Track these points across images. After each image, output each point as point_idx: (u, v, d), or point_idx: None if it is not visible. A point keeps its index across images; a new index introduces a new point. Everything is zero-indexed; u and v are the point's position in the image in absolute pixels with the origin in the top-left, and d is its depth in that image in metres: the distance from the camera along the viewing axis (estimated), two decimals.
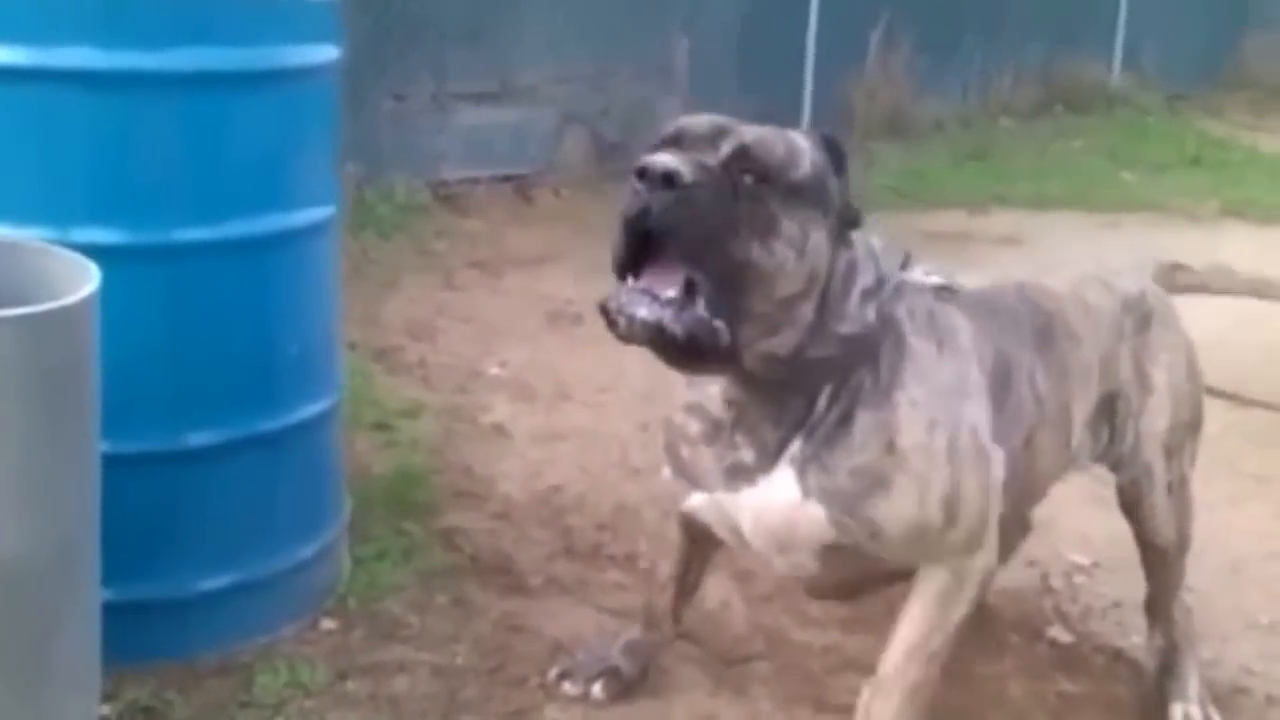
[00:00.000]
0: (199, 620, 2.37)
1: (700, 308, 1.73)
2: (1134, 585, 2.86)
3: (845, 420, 1.91)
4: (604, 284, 5.60)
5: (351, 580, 2.67)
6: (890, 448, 1.92)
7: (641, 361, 4.09)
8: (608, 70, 6.94)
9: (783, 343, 1.84)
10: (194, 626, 2.36)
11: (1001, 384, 2.09)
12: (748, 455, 1.97)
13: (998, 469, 2.04)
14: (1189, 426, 2.44)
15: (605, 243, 5.98)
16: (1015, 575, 2.88)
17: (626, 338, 1.80)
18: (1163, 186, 7.56)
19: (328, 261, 2.49)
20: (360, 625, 2.54)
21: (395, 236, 5.41)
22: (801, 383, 1.90)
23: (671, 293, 1.74)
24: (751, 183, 1.76)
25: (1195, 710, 2.43)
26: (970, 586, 2.06)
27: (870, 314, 1.90)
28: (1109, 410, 2.35)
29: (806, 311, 1.83)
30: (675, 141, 1.81)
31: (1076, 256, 5.77)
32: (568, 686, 2.36)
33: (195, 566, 2.35)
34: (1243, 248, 6.21)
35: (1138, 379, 2.36)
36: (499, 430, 3.55)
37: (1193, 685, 2.47)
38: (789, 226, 1.77)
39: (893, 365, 1.93)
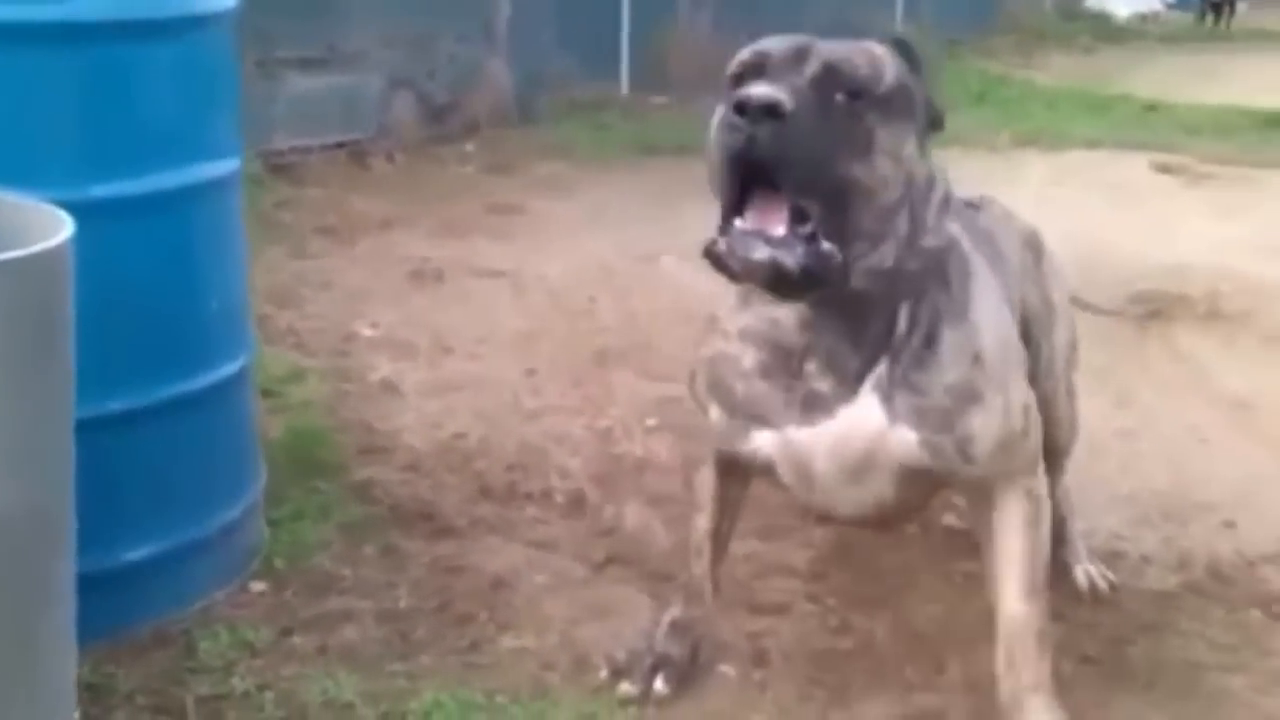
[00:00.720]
0: (131, 591, 2.25)
1: (810, 237, 1.68)
2: None
3: (931, 340, 1.85)
4: (455, 243, 5.58)
5: (274, 542, 2.58)
6: (977, 360, 1.87)
7: (514, 310, 4.17)
8: (432, 33, 6.81)
9: (884, 256, 1.78)
10: (126, 598, 2.24)
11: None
12: (824, 385, 1.87)
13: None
14: (1073, 337, 2.54)
15: (448, 204, 5.96)
16: None
17: (743, 278, 1.76)
18: (957, 123, 7.79)
19: (238, 214, 2.39)
20: (293, 583, 2.46)
21: None
22: (888, 299, 1.83)
23: (781, 229, 1.68)
24: (844, 100, 1.69)
25: (1093, 569, 2.57)
26: (1045, 505, 2.04)
27: (946, 227, 1.86)
28: (1027, 332, 2.35)
29: (902, 222, 1.78)
30: (759, 69, 1.73)
31: None
32: (626, 687, 2.14)
33: (124, 536, 2.23)
34: (1037, 171, 6.55)
35: (1042, 301, 2.40)
36: (389, 387, 3.48)
37: (1083, 550, 2.61)
38: (884, 138, 1.71)
39: (962, 280, 1.89)
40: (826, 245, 1.69)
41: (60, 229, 1.58)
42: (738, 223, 1.71)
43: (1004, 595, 2.00)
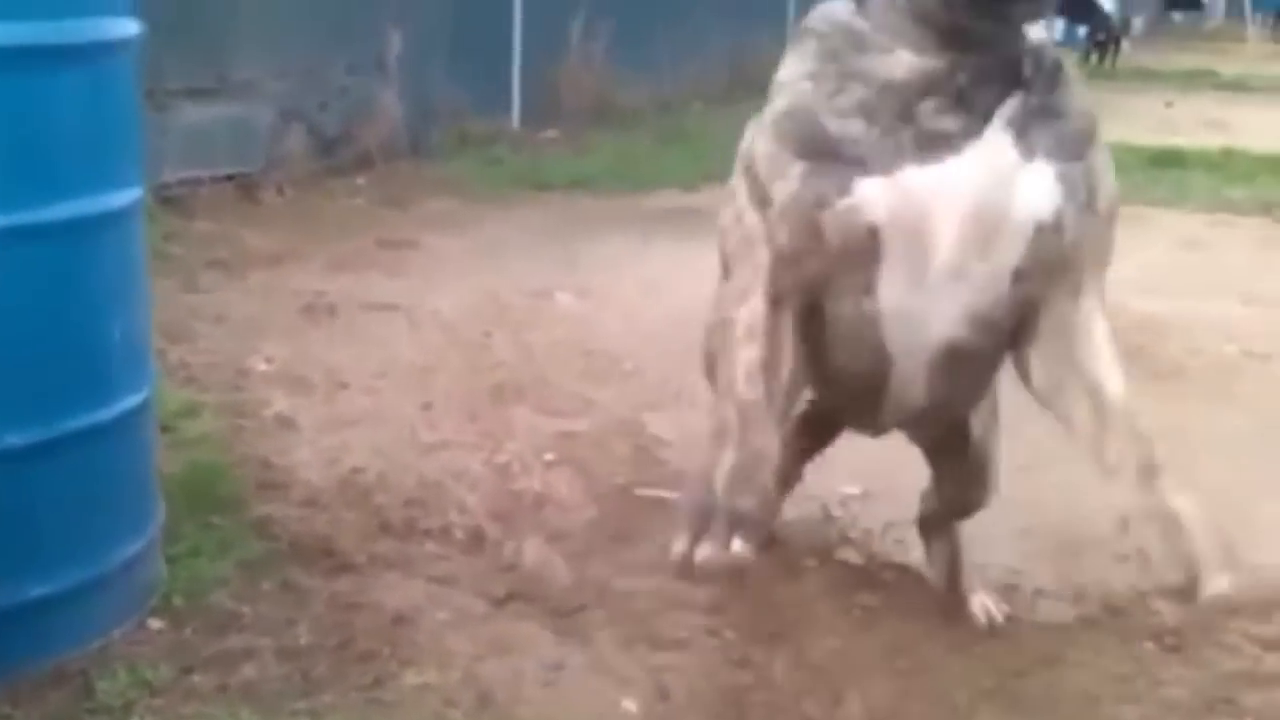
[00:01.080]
0: (29, 629, 2.22)
1: None
2: (901, 508, 3.10)
3: (1055, 79, 1.79)
4: (348, 277, 5.57)
5: (171, 579, 2.57)
6: (1089, 116, 1.86)
7: (409, 344, 4.19)
8: (324, 64, 6.82)
9: None
10: (24, 636, 2.21)
11: None
12: (949, 123, 1.72)
13: None
14: None
15: (340, 238, 5.99)
16: (799, 508, 3.07)
17: None
18: None
19: (141, 243, 2.39)
20: (191, 621, 2.46)
21: None
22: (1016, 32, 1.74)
23: None
24: None
25: (988, 599, 2.66)
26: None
27: None
28: None
29: None
30: None
31: None
32: (705, 553, 1.82)
33: (22, 572, 2.20)
34: None
35: None
36: (285, 422, 3.48)
37: (977, 581, 2.70)
38: None
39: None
40: None
41: None
42: None
43: (1112, 383, 1.91)
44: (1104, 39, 15.40)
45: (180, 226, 5.57)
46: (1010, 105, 1.73)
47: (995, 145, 1.73)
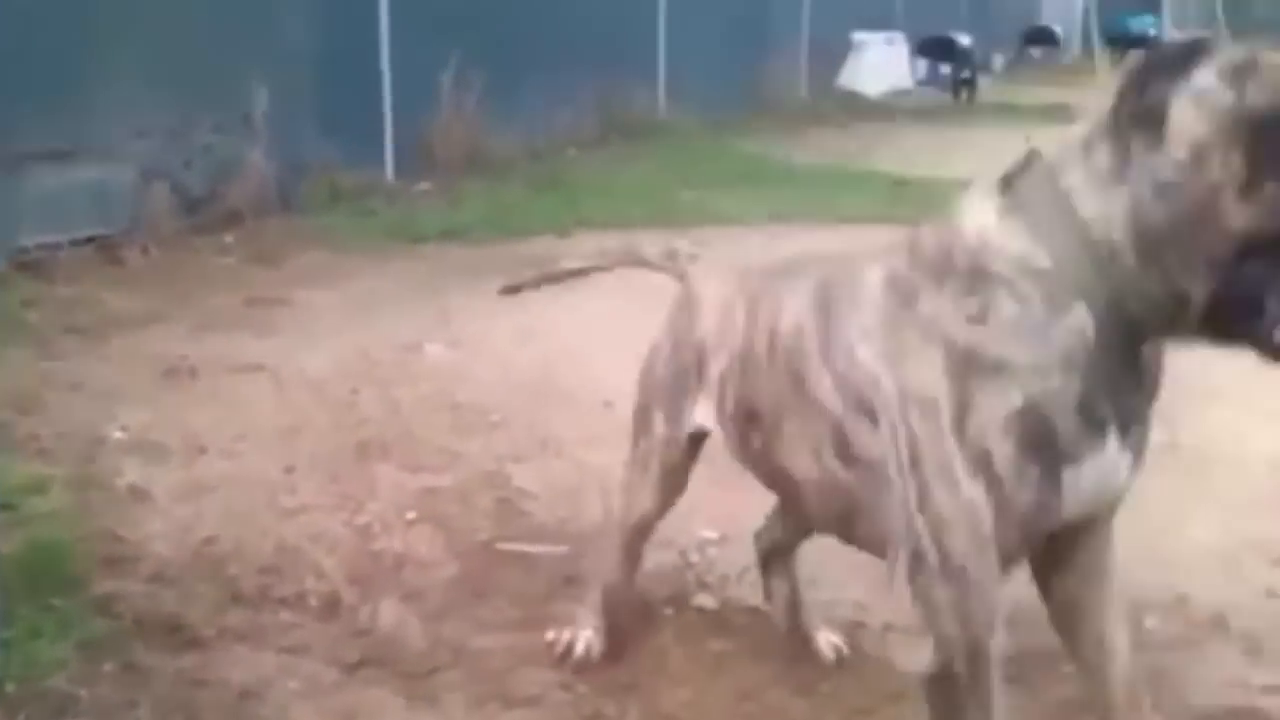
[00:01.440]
0: None
1: None
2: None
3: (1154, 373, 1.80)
4: (214, 338, 5.44)
5: (5, 664, 2.47)
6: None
7: (273, 405, 4.11)
8: (188, 123, 6.71)
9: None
10: None
11: None
12: (1105, 409, 1.72)
13: None
14: None
15: (206, 297, 5.86)
16: (657, 555, 3.06)
17: None
18: (716, 201, 8.11)
19: None
20: (25, 707, 2.36)
21: None
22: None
23: None
24: None
25: (833, 634, 2.67)
26: None
27: None
28: None
29: None
30: None
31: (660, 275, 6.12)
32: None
33: None
34: (790, 248, 6.79)
35: None
36: (137, 492, 3.38)
37: (819, 617, 2.71)
38: None
39: None
40: None
41: None
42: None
43: (1118, 631, 1.95)
44: (966, 77, 15.82)
45: (39, 292, 5.43)
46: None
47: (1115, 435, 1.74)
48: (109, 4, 6.30)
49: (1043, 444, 1.69)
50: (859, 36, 15.20)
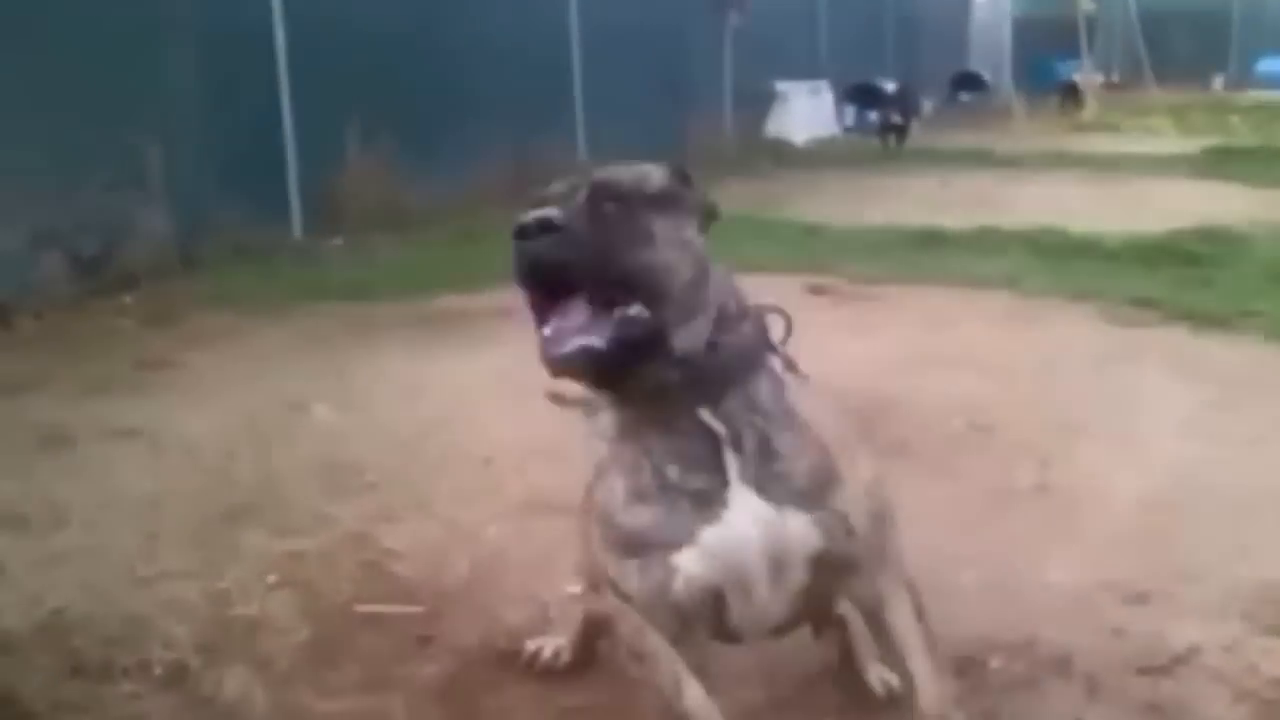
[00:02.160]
0: None
1: (614, 314, 1.85)
2: None
3: (765, 435, 1.98)
4: (96, 403, 5.41)
5: None
6: (821, 447, 2.01)
7: (145, 472, 4.09)
8: (77, 184, 6.70)
9: (699, 329, 1.92)
10: None
11: None
12: (700, 481, 1.96)
13: None
14: None
15: (95, 361, 5.78)
16: (519, 610, 3.08)
17: (564, 374, 1.89)
18: None
19: None
20: None
21: None
22: (715, 383, 1.95)
23: (580, 318, 1.85)
24: (615, 206, 1.90)
25: (885, 672, 2.61)
26: (911, 595, 2.14)
27: (747, 328, 2.01)
28: None
29: (707, 301, 1.93)
30: (540, 204, 1.91)
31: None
32: None
33: None
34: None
35: None
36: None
37: (872, 653, 2.64)
38: (662, 226, 1.91)
39: (776, 383, 2.02)
40: (634, 309, 1.86)
41: None
42: (544, 331, 1.86)
43: (922, 680, 2.11)
44: (896, 124, 16.06)
45: None
46: (735, 463, 1.97)
47: (747, 500, 1.96)
48: None
49: (616, 538, 2.02)
50: (782, 86, 15.42)
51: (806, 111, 15.78)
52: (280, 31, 8.02)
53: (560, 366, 1.86)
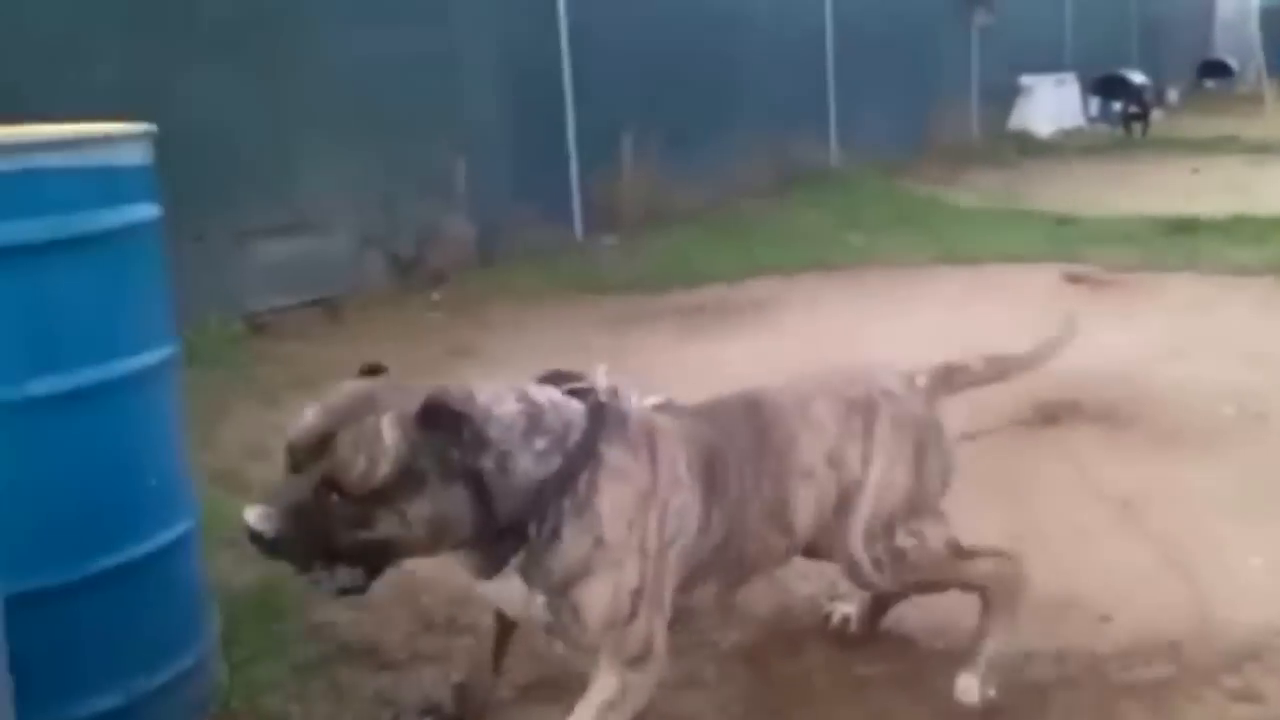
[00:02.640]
0: None
1: (341, 574, 2.04)
2: None
3: (555, 535, 2.13)
4: (420, 384, 5.62)
5: (231, 684, 2.69)
6: (598, 542, 2.14)
7: None
8: (396, 194, 7.10)
9: (454, 542, 2.11)
10: None
11: (709, 475, 2.30)
12: (483, 563, 2.19)
13: (675, 567, 2.26)
14: (909, 510, 2.53)
15: (412, 349, 6.08)
16: (802, 585, 3.12)
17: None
18: (883, 244, 8.08)
19: (173, 396, 2.53)
20: None
21: (217, 368, 5.39)
22: (502, 536, 2.11)
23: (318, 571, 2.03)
24: (338, 499, 1.97)
25: (974, 687, 2.60)
26: (635, 698, 2.24)
27: (554, 462, 2.12)
28: (844, 504, 2.49)
29: (455, 529, 2.06)
30: (290, 458, 2.03)
31: (812, 313, 6.17)
32: None
33: (82, 690, 2.33)
34: (953, 287, 6.75)
35: (863, 473, 2.49)
36: None
37: (981, 664, 2.61)
38: (384, 515, 1.99)
39: (592, 480, 2.14)
40: (345, 574, 2.05)
41: None
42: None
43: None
44: (1137, 112, 15.31)
45: (268, 349, 5.80)
46: (517, 560, 2.15)
47: (511, 580, 2.19)
48: (321, 94, 6.72)
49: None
50: (1027, 79, 14.89)
51: (1052, 103, 15.18)
52: (566, 57, 8.27)
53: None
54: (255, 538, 1.95)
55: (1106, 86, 16.13)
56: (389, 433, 1.97)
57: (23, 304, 2.20)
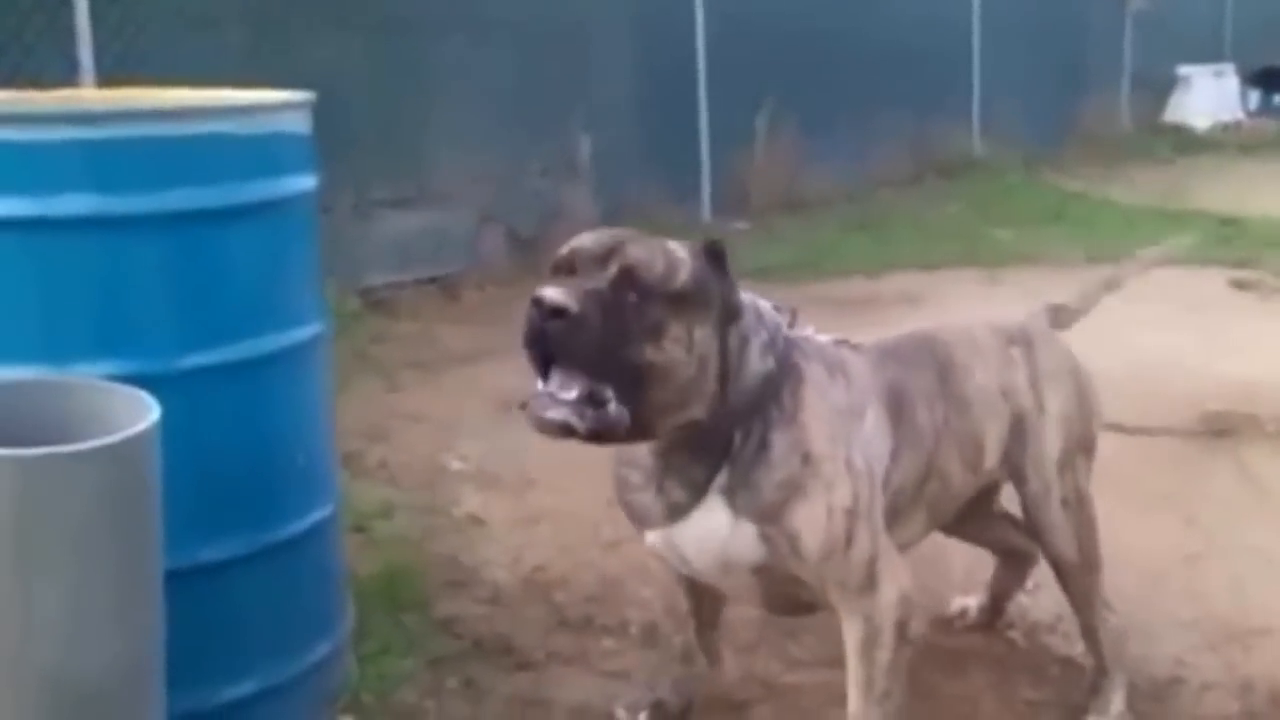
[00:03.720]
0: None
1: (601, 403, 1.91)
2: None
3: (763, 445, 2.08)
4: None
5: (361, 676, 2.69)
6: (806, 458, 2.10)
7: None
8: (518, 170, 7.10)
9: (692, 415, 2.03)
10: None
11: (896, 411, 2.29)
12: (679, 495, 2.12)
13: (879, 496, 2.21)
14: (1080, 446, 2.56)
15: None
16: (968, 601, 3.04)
17: (540, 432, 1.97)
18: (1033, 241, 7.88)
19: (323, 373, 2.54)
20: (379, 718, 2.57)
21: (333, 344, 5.44)
22: (717, 433, 2.07)
23: (574, 393, 1.90)
24: (636, 299, 1.92)
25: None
26: (888, 627, 2.19)
27: (770, 362, 2.10)
28: (1019, 431, 2.50)
29: (707, 387, 2.02)
30: (569, 266, 1.98)
31: (969, 309, 6.02)
32: (621, 714, 2.53)
33: (218, 676, 2.33)
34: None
35: (1035, 401, 2.51)
36: (474, 520, 3.60)
37: (1114, 704, 2.56)
38: (675, 328, 1.95)
39: (794, 392, 2.12)
40: (615, 409, 1.91)
41: (147, 414, 1.73)
42: (539, 384, 1.94)
43: (849, 705, 2.24)
44: None
45: (385, 327, 5.84)
46: (722, 477, 2.10)
47: (711, 510, 2.12)
48: (445, 65, 6.75)
49: (622, 505, 2.29)
50: (1184, 69, 14.43)
51: (1210, 95, 14.69)
52: (700, 30, 8.20)
53: (540, 428, 1.96)
54: (556, 312, 1.86)
55: (1268, 78, 15.56)
56: (679, 249, 2.01)
57: (185, 274, 2.21)
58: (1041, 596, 3.09)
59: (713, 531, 2.12)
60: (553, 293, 1.87)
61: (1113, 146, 12.37)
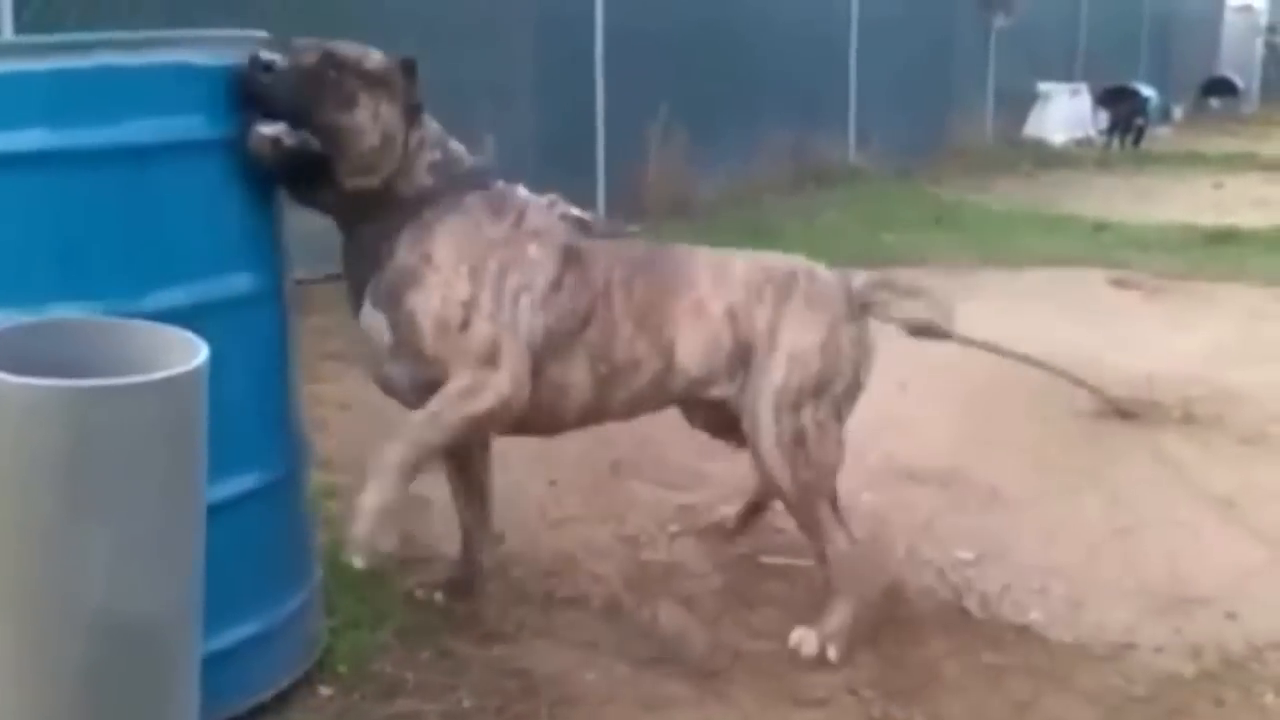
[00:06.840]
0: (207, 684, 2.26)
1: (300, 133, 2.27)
2: (1015, 571, 3.12)
3: (390, 254, 2.41)
4: None
5: (334, 648, 2.64)
6: (426, 259, 2.39)
7: None
8: None
9: (370, 181, 2.38)
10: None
11: (573, 258, 2.55)
12: (353, 298, 2.50)
13: (526, 315, 2.46)
14: (810, 391, 2.64)
15: None
16: (914, 574, 3.11)
17: (256, 151, 2.23)
18: (918, 244, 8.06)
19: (281, 327, 2.49)
20: (359, 688, 2.52)
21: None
22: (383, 221, 2.40)
23: (281, 125, 2.24)
24: (335, 75, 2.33)
25: (813, 637, 2.68)
26: (486, 393, 2.41)
27: (429, 179, 2.44)
28: (742, 358, 2.64)
29: (387, 163, 2.38)
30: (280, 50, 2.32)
31: None
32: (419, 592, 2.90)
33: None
34: (999, 288, 6.73)
35: (769, 337, 2.64)
36: (420, 501, 3.54)
37: (832, 621, 2.69)
38: (364, 99, 2.35)
39: (444, 211, 2.43)
40: (314, 142, 2.29)
41: (198, 352, 1.69)
42: (251, 127, 2.23)
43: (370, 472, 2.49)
44: (1140, 123, 15.30)
45: (299, 322, 5.70)
46: (371, 283, 2.45)
47: (368, 304, 2.47)
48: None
49: None
50: (1045, 86, 14.98)
51: (1066, 112, 15.27)
52: (599, 37, 8.23)
53: (255, 147, 2.22)
54: (264, 66, 2.22)
55: (1114, 98, 16.19)
56: (375, 52, 2.41)
57: (132, 210, 2.10)
58: (987, 567, 3.19)
59: (374, 329, 2.44)
60: (266, 53, 2.24)
61: (979, 158, 12.76)
